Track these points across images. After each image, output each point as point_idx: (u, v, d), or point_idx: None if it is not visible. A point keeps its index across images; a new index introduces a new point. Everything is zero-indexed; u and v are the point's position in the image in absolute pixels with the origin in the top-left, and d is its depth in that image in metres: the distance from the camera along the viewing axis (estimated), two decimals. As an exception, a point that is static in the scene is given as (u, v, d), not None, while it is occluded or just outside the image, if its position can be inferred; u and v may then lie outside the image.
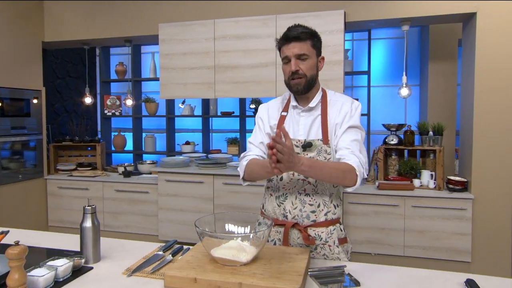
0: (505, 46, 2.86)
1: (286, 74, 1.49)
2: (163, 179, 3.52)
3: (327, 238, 1.48)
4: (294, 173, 1.48)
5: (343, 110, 1.49)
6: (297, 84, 1.46)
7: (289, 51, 1.45)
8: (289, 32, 1.46)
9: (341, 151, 1.43)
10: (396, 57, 4.42)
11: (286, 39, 1.46)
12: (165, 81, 3.57)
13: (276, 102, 1.64)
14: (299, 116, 1.53)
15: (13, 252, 1.08)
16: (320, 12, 3.13)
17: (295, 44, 1.44)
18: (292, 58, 1.45)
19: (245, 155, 1.60)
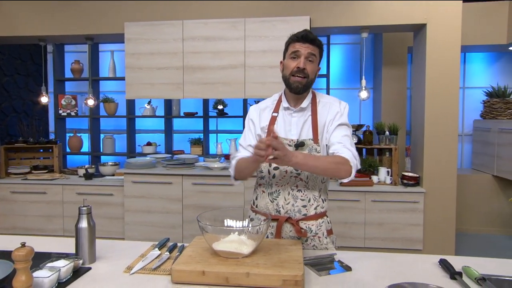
0: (452, 54, 3.19)
1: (290, 69, 1.54)
2: (129, 180, 3.46)
3: (317, 230, 1.59)
4: (287, 170, 1.57)
5: (333, 110, 1.60)
6: (299, 82, 1.53)
7: (303, 48, 1.52)
8: (307, 33, 1.54)
9: (334, 146, 1.52)
10: (351, 62, 4.70)
11: (303, 38, 1.53)
12: (131, 81, 3.51)
13: (266, 104, 1.70)
14: (291, 117, 1.61)
15: (20, 254, 1.07)
16: (287, 17, 3.28)
17: (309, 45, 1.53)
18: (303, 56, 1.52)
19: (234, 156, 1.69)
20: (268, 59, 3.34)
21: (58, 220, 3.70)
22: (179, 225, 3.43)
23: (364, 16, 3.26)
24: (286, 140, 1.57)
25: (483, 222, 4.32)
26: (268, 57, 3.34)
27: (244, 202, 3.34)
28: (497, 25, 4.15)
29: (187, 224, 3.42)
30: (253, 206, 1.71)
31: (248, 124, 1.71)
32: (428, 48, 3.21)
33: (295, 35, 1.57)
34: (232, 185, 3.35)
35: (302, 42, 1.53)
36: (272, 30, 3.31)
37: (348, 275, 1.31)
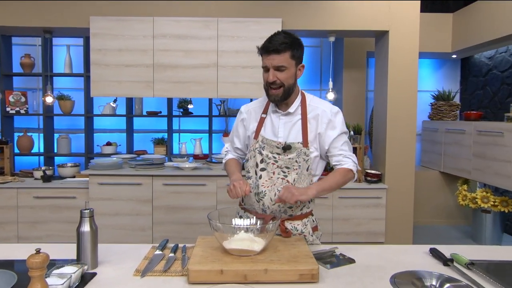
0: (411, 60, 3.45)
1: (264, 81, 1.56)
2: (95, 182, 3.30)
3: (303, 229, 1.63)
4: (274, 172, 1.59)
5: (325, 119, 1.59)
6: (275, 95, 1.54)
7: (268, 62, 1.50)
8: (269, 44, 1.50)
9: (336, 158, 1.60)
10: (311, 64, 4.87)
11: (266, 50, 1.51)
12: (96, 78, 3.34)
13: (257, 104, 1.71)
14: (279, 119, 1.62)
15: (36, 261, 1.01)
16: (260, 19, 3.33)
17: (274, 56, 1.49)
18: (271, 69, 1.50)
19: (227, 151, 1.84)
20: (241, 59, 3.37)
21: (12, 226, 3.42)
22: (149, 227, 3.34)
23: (333, 21, 3.41)
24: (274, 142, 1.58)
25: (431, 214, 4.70)
26: (241, 57, 3.37)
27: (216, 202, 3.34)
28: (443, 35, 4.55)
29: (157, 225, 3.34)
30: (241, 203, 1.74)
31: (237, 125, 1.74)
32: (390, 53, 3.44)
33: (261, 46, 1.55)
34: (205, 185, 3.33)
35: (267, 54, 1.51)
36: (245, 30, 3.34)
37: (353, 267, 1.39)
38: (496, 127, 3.67)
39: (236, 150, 1.79)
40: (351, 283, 1.24)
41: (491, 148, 3.71)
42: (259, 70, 3.34)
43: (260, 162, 1.60)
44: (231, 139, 1.80)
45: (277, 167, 1.59)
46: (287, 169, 1.59)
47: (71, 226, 3.41)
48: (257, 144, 1.62)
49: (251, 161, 1.64)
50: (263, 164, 1.60)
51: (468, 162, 4.06)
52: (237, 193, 1.48)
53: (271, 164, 1.59)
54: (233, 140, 1.78)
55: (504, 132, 3.55)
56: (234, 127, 1.77)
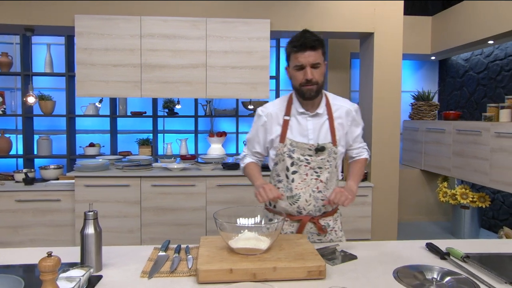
0: (395, 61, 3.55)
1: (298, 81, 1.54)
2: (81, 184, 3.22)
3: (334, 225, 1.69)
4: (307, 174, 1.60)
5: (350, 117, 1.66)
6: (310, 90, 1.53)
7: (305, 59, 1.49)
8: (305, 40, 1.48)
9: (357, 150, 1.75)
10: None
11: (302, 47, 1.49)
12: (82, 78, 3.27)
13: (277, 107, 1.67)
14: (306, 121, 1.61)
15: (48, 264, 1.00)
16: (249, 20, 3.34)
17: (310, 53, 1.49)
18: (308, 67, 1.50)
19: (245, 155, 1.79)
20: (230, 59, 3.37)
21: (-8, 231, 3.30)
22: (137, 229, 3.30)
23: (319, 22, 3.47)
24: (306, 145, 1.59)
25: (413, 211, 4.85)
26: (230, 57, 3.37)
27: (206, 202, 3.33)
28: (423, 37, 4.70)
29: (146, 227, 3.30)
30: (268, 206, 1.72)
31: (257, 130, 1.70)
32: (375, 54, 3.53)
33: (293, 43, 1.52)
34: (194, 186, 3.31)
35: (302, 52, 1.49)
36: (233, 31, 3.34)
37: (356, 263, 1.42)
38: (474, 126, 3.82)
39: (256, 154, 1.75)
40: (356, 278, 1.28)
41: (470, 147, 3.86)
42: (248, 71, 3.39)
43: (291, 165, 1.60)
44: (251, 144, 1.75)
45: (310, 168, 1.60)
46: (320, 169, 1.61)
47: (55, 230, 3.33)
48: (285, 148, 1.60)
49: (280, 165, 1.63)
50: (295, 167, 1.60)
51: (448, 160, 4.22)
52: (267, 196, 1.50)
53: (303, 166, 1.60)
54: (253, 145, 1.73)
55: (482, 131, 3.70)
56: (254, 132, 1.72)
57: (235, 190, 3.34)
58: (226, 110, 4.39)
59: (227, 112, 4.37)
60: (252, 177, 1.69)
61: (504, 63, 4.19)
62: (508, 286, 1.23)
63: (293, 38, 1.54)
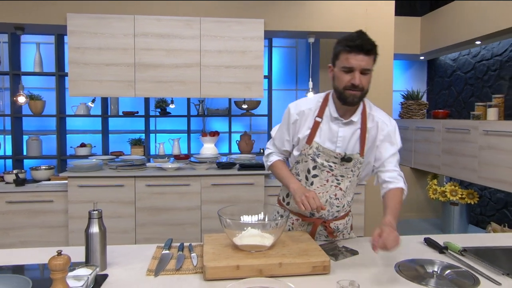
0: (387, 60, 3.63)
1: (343, 83, 1.43)
2: (74, 184, 3.19)
3: (343, 229, 1.70)
4: (328, 179, 1.56)
5: (384, 131, 1.54)
6: (354, 95, 1.43)
7: (357, 63, 1.38)
8: (362, 42, 1.38)
9: (390, 174, 1.53)
10: (287, 64, 4.95)
11: (357, 49, 1.38)
12: (75, 77, 3.23)
13: (309, 106, 1.57)
14: (338, 127, 1.52)
15: (58, 263, 1.00)
16: (242, 19, 3.35)
17: (364, 57, 1.38)
18: (357, 71, 1.39)
19: (271, 152, 1.70)
20: (224, 59, 3.38)
21: (-18, 233, 3.24)
22: (131, 229, 3.28)
23: (313, 22, 3.50)
24: (332, 152, 1.53)
25: (403, 208, 4.90)
26: (224, 57, 3.38)
27: (200, 202, 3.33)
28: (412, 37, 4.78)
29: (140, 227, 3.28)
30: (282, 202, 1.72)
31: (288, 128, 1.60)
32: (367, 54, 3.58)
33: (347, 42, 1.40)
34: (188, 185, 3.31)
35: (355, 54, 1.38)
36: (227, 30, 3.35)
37: (358, 258, 1.45)
38: (463, 124, 3.91)
39: (284, 152, 1.67)
40: (359, 272, 1.31)
41: (459, 144, 3.95)
42: (242, 70, 3.41)
43: (313, 168, 1.55)
44: (279, 141, 1.65)
45: (332, 175, 1.55)
46: (341, 177, 1.56)
47: (48, 232, 3.28)
48: (310, 150, 1.54)
49: (301, 165, 1.58)
50: (316, 170, 1.55)
51: (438, 158, 4.30)
52: (310, 206, 1.41)
53: (325, 172, 1.55)
54: (283, 143, 1.63)
55: (470, 129, 3.79)
56: (283, 129, 1.62)
57: (230, 189, 3.35)
58: (219, 110, 4.39)
59: (220, 111, 4.37)
60: (285, 179, 1.58)
61: (491, 63, 4.30)
62: (505, 277, 1.27)
63: (348, 37, 1.42)
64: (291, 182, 1.55)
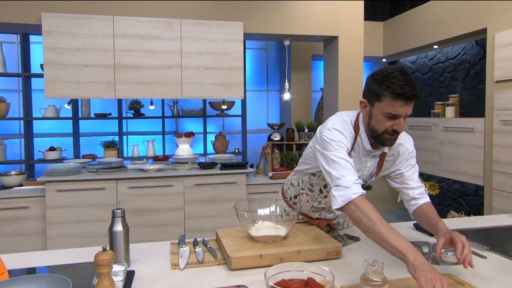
0: (357, 62, 3.85)
1: (384, 128, 1.34)
2: (52, 189, 3.09)
3: (342, 221, 1.81)
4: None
5: (404, 156, 1.53)
6: (392, 140, 1.38)
7: (403, 110, 1.29)
8: (413, 93, 1.26)
9: (418, 190, 1.50)
10: (259, 66, 5.08)
11: (405, 97, 1.26)
12: (51, 79, 3.13)
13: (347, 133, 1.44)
14: (367, 160, 1.50)
15: (105, 258, 1.04)
16: (222, 22, 3.42)
17: (410, 105, 1.30)
18: (402, 119, 1.32)
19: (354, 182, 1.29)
20: (205, 60, 3.42)
21: (-51, 244, 3.06)
22: (114, 233, 3.23)
23: (288, 26, 3.65)
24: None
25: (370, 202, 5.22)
26: (205, 58, 3.42)
27: (184, 202, 3.36)
28: (376, 41, 5.09)
29: (123, 230, 3.25)
30: (289, 201, 1.75)
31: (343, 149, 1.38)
32: (340, 56, 3.79)
33: (395, 89, 1.26)
34: (172, 186, 3.32)
35: (403, 102, 1.27)
36: (208, 33, 3.41)
37: (361, 243, 1.59)
38: (425, 122, 4.24)
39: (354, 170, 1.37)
40: (367, 255, 1.45)
41: (421, 140, 4.28)
42: (223, 72, 3.49)
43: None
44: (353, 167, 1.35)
45: None
46: None
47: (23, 239, 3.16)
48: None
49: (318, 178, 1.58)
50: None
51: (402, 153, 4.62)
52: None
53: None
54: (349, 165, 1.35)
55: (432, 126, 4.13)
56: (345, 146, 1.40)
57: (213, 189, 3.41)
58: (194, 111, 4.42)
59: (195, 112, 4.40)
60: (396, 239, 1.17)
61: (446, 65, 4.69)
62: (488, 252, 1.47)
63: (395, 81, 1.27)
64: (404, 245, 1.14)
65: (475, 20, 3.63)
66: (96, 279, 1.15)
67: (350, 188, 1.28)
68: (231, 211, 3.42)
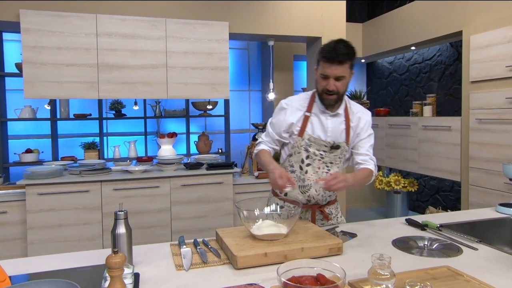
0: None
1: (321, 87, 1.64)
2: (33, 193, 2.98)
3: (336, 213, 1.88)
4: (319, 167, 1.74)
5: (364, 120, 1.77)
6: (330, 99, 1.65)
7: (331, 72, 1.57)
8: (335, 55, 1.54)
9: (362, 157, 1.75)
10: (240, 66, 5.09)
11: (330, 60, 1.55)
12: (31, 78, 3.02)
13: (300, 102, 1.76)
14: (327, 120, 1.73)
15: (117, 261, 1.02)
16: (208, 21, 3.41)
17: (337, 66, 1.55)
18: (331, 79, 1.58)
19: (261, 141, 1.85)
20: (190, 60, 3.40)
21: None
22: (98, 236, 3.16)
23: (273, 26, 3.68)
24: (323, 142, 1.72)
25: (349, 199, 5.33)
26: (190, 58, 3.40)
27: (170, 203, 3.32)
28: (355, 42, 5.19)
29: (108, 233, 3.18)
30: (280, 194, 1.84)
31: (284, 119, 1.74)
32: (323, 57, 3.85)
33: (324, 53, 1.58)
34: (158, 187, 3.28)
35: (330, 63, 1.56)
36: (193, 32, 3.38)
37: (358, 239, 1.63)
38: (404, 121, 4.38)
39: (276, 142, 1.81)
40: (367, 251, 1.48)
41: (401, 139, 4.42)
42: (209, 72, 3.47)
43: (306, 158, 1.73)
44: (275, 132, 1.79)
45: (323, 162, 1.74)
46: (331, 164, 1.75)
47: (2, 246, 3.03)
48: (303, 142, 1.72)
49: (295, 156, 1.75)
50: (309, 160, 1.73)
51: (382, 151, 4.75)
52: (284, 184, 1.54)
53: (317, 160, 1.74)
54: (280, 133, 1.77)
55: (411, 125, 4.26)
56: (280, 120, 1.76)
57: (199, 189, 3.39)
58: (176, 111, 4.37)
59: (178, 112, 4.35)
60: (266, 162, 1.71)
61: (422, 66, 4.86)
62: (479, 244, 1.54)
63: (325, 47, 1.61)
64: (270, 163, 1.67)
65: (451, 23, 3.78)
66: (105, 282, 1.13)
67: (258, 146, 1.83)
68: (218, 211, 3.41)
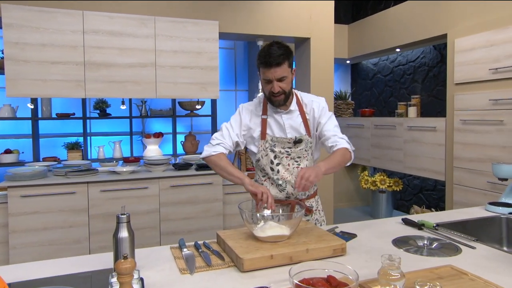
0: (328, 62, 3.96)
1: (267, 91, 1.70)
2: (16, 195, 2.87)
3: (316, 206, 1.90)
4: (289, 164, 1.79)
5: (319, 106, 1.82)
6: (279, 100, 1.71)
7: (271, 75, 1.63)
8: (269, 59, 1.60)
9: (331, 139, 1.75)
10: (227, 66, 5.06)
11: (267, 64, 1.61)
12: (13, 76, 2.90)
13: (253, 107, 1.84)
14: (282, 118, 1.80)
15: (127, 266, 0.99)
16: (198, 20, 3.36)
17: (276, 69, 1.62)
18: (274, 81, 1.65)
19: (219, 142, 1.78)
20: (180, 59, 3.35)
21: None
22: (85, 239, 3.07)
23: (262, 26, 3.67)
24: (285, 139, 1.79)
25: (336, 199, 5.39)
26: (180, 57, 3.34)
27: (159, 204, 3.26)
28: (341, 43, 5.26)
29: (95, 236, 3.09)
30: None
31: (241, 119, 1.81)
32: (312, 57, 3.87)
33: (260, 59, 1.64)
34: (147, 188, 3.22)
35: (268, 68, 1.62)
36: (183, 31, 3.33)
37: (358, 239, 1.64)
38: (389, 121, 4.45)
39: (234, 144, 1.81)
40: (369, 251, 1.49)
41: (386, 139, 4.49)
42: (199, 71, 3.43)
43: (274, 158, 1.80)
44: (233, 132, 1.80)
45: (291, 158, 1.80)
46: (299, 158, 1.81)
47: (-17, 250, 2.90)
48: (266, 144, 1.79)
49: (263, 160, 1.81)
50: (277, 159, 1.80)
51: (367, 151, 4.82)
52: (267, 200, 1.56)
53: (284, 158, 1.80)
54: (238, 132, 1.80)
55: (396, 125, 4.34)
56: (238, 121, 1.80)
57: (188, 190, 3.34)
58: (162, 111, 4.30)
59: (164, 112, 4.28)
60: (230, 170, 1.71)
61: (406, 68, 4.96)
62: (476, 242, 1.57)
63: (261, 52, 1.66)
64: (240, 174, 1.69)
65: (436, 26, 3.86)
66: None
67: (213, 147, 1.76)
68: (207, 212, 3.38)
